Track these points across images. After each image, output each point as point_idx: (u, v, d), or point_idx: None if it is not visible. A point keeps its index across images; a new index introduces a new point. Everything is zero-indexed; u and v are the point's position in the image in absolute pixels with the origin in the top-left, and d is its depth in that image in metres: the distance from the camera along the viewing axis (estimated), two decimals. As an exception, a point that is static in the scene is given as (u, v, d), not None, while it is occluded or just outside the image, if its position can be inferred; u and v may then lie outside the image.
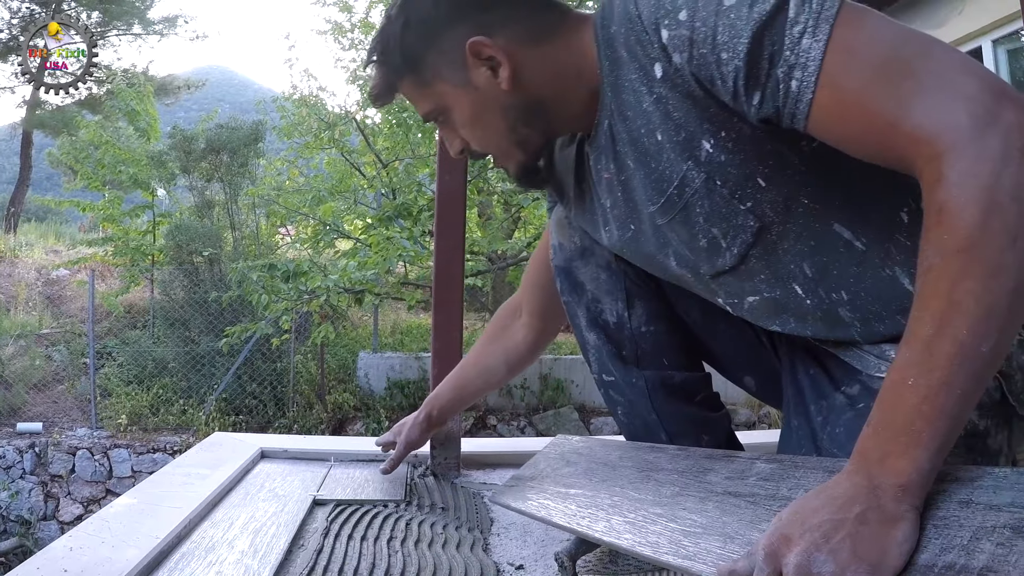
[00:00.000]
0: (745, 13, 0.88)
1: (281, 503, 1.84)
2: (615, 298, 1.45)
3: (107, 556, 1.44)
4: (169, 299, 11.64)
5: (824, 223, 1.06)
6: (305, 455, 2.28)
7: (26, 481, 9.16)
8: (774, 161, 1.02)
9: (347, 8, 12.09)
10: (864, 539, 0.77)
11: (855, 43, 0.85)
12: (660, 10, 0.96)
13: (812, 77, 0.86)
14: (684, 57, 0.95)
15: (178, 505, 1.73)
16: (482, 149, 1.23)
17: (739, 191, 1.05)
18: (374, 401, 10.28)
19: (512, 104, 1.15)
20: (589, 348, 1.52)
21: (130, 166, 12.38)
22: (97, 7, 20.23)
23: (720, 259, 1.14)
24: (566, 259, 1.50)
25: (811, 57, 0.86)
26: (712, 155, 1.02)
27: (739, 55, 0.89)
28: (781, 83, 0.88)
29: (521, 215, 11.96)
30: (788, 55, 0.87)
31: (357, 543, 1.59)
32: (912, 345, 0.80)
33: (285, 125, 12.72)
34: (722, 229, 1.09)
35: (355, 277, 7.75)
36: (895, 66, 0.84)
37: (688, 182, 1.06)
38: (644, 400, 1.47)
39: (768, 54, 0.88)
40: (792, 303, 1.15)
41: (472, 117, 1.18)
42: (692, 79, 0.96)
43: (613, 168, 1.17)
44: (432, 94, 1.19)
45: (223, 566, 1.44)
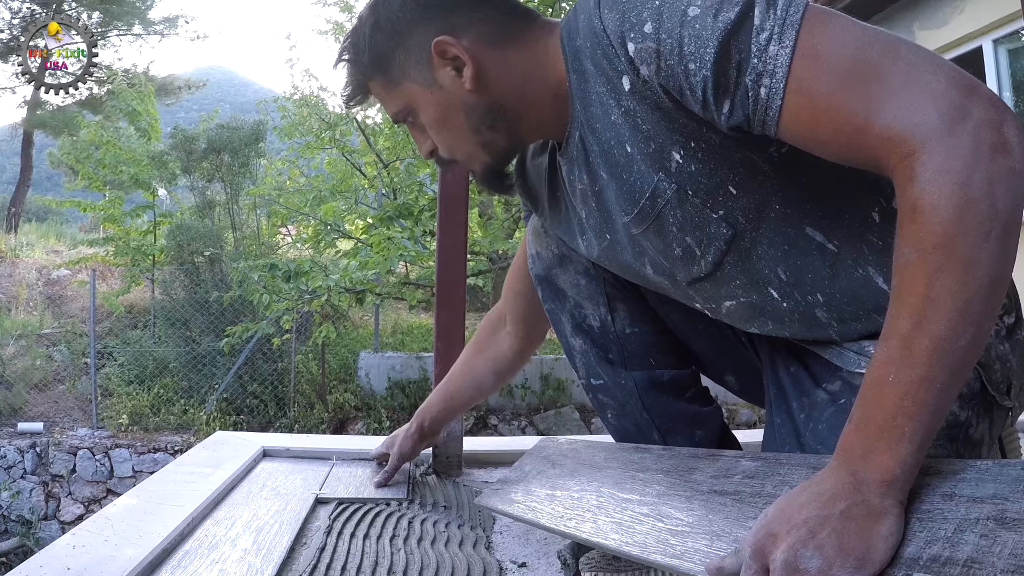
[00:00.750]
0: (710, 23, 0.88)
1: (284, 501, 1.84)
2: (597, 303, 1.47)
3: (110, 554, 1.44)
4: (170, 299, 11.64)
5: (796, 227, 1.07)
6: (307, 454, 2.28)
7: (27, 481, 9.16)
8: (744, 169, 1.02)
9: (348, 8, 12.10)
10: (850, 534, 0.77)
11: (821, 47, 0.86)
12: (625, 23, 0.96)
13: (780, 84, 0.87)
14: (652, 69, 0.95)
15: (181, 503, 1.73)
16: (448, 152, 1.24)
17: (711, 200, 1.05)
18: (375, 401, 10.27)
19: (476, 105, 1.15)
20: (576, 354, 1.53)
21: (131, 166, 12.38)
22: (98, 7, 20.24)
23: (695, 267, 1.15)
24: (545, 268, 1.51)
25: (779, 64, 0.86)
26: (682, 165, 1.03)
27: (706, 65, 0.89)
28: (750, 91, 0.89)
29: (522, 215, 11.95)
30: (756, 63, 0.87)
31: (360, 541, 1.59)
32: (891, 342, 0.81)
33: (286, 125, 12.73)
34: (696, 238, 1.10)
35: (356, 277, 7.75)
36: (862, 68, 0.84)
37: (660, 193, 1.06)
38: (635, 400, 1.48)
39: (736, 62, 0.88)
40: (769, 306, 1.16)
41: (437, 118, 1.19)
42: (660, 90, 0.96)
43: (586, 179, 1.18)
44: (400, 94, 1.20)
45: (226, 564, 1.45)
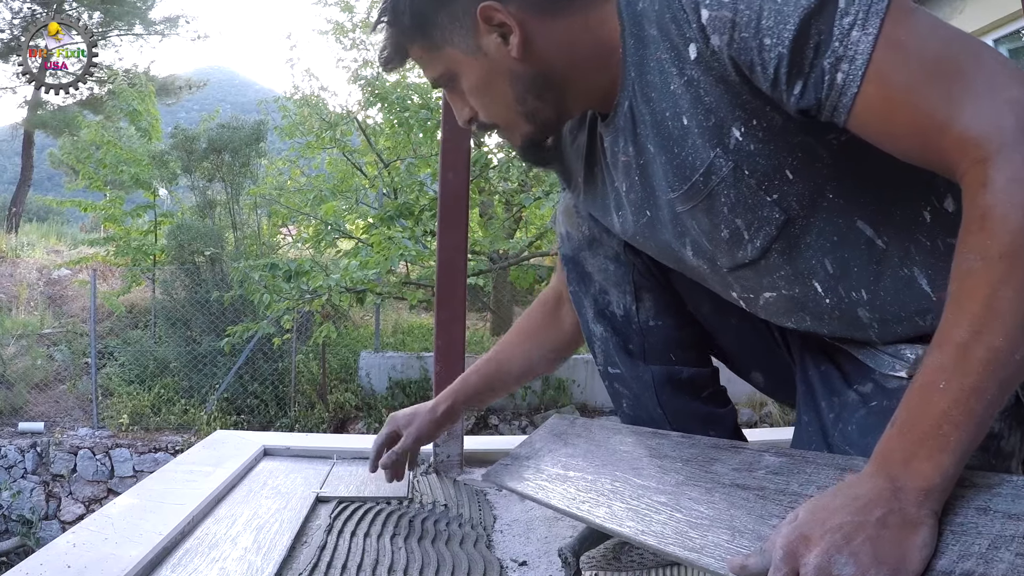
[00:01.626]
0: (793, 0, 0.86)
1: (284, 500, 1.84)
2: (623, 290, 1.44)
3: (110, 552, 1.44)
4: (171, 299, 11.64)
5: (848, 219, 1.04)
6: (307, 453, 2.28)
7: (28, 481, 9.16)
8: (803, 153, 0.99)
9: (348, 8, 12.11)
10: (885, 542, 0.76)
11: (905, 39, 0.83)
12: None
13: (860, 70, 0.84)
14: (724, 39, 0.91)
15: (181, 502, 1.73)
16: (489, 119, 1.19)
17: (767, 182, 1.02)
18: (376, 401, 10.27)
19: (522, 74, 1.11)
20: (595, 340, 1.51)
21: (132, 166, 12.38)
22: (98, 7, 20.23)
23: (741, 251, 1.11)
24: (574, 249, 1.48)
25: (860, 50, 0.84)
26: (741, 143, 0.99)
27: (784, 42, 0.86)
28: (827, 74, 0.86)
29: (523, 215, 11.96)
30: (836, 45, 0.85)
31: (360, 540, 1.59)
32: (945, 348, 0.79)
33: (287, 125, 12.73)
34: (746, 220, 1.06)
35: (357, 277, 7.75)
36: (945, 65, 0.82)
37: (715, 170, 1.02)
38: (650, 395, 1.46)
39: (814, 43, 0.86)
40: (811, 301, 1.13)
41: (480, 85, 1.15)
42: (729, 63, 0.93)
43: (632, 151, 1.13)
44: (441, 59, 1.15)
45: (227, 562, 1.45)
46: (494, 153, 9.82)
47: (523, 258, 10.91)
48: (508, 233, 11.76)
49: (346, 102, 20.29)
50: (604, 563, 1.46)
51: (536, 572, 1.48)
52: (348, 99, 18.12)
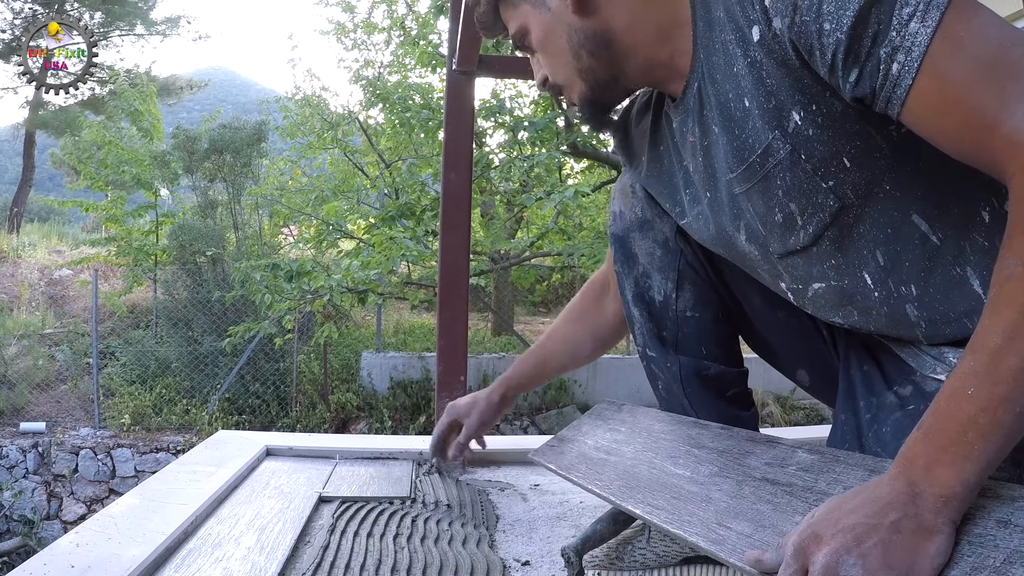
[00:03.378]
0: None
1: (287, 500, 1.84)
2: (666, 277, 1.44)
3: (114, 552, 1.44)
4: (172, 299, 11.65)
5: (903, 212, 1.03)
6: (310, 453, 2.28)
7: (29, 481, 9.17)
8: (861, 142, 0.99)
9: (349, 8, 12.11)
10: (896, 547, 0.76)
11: (964, 35, 0.82)
12: None
13: (915, 63, 0.84)
14: (785, 22, 0.91)
15: (184, 502, 1.73)
16: (552, 76, 1.24)
17: (823, 168, 1.02)
18: (377, 401, 10.27)
19: (580, 29, 1.14)
20: (635, 322, 1.52)
21: (133, 166, 12.39)
22: (100, 7, 20.24)
23: (793, 237, 1.11)
24: (624, 228, 1.49)
25: (917, 42, 0.83)
26: (800, 127, 0.99)
27: (843, 28, 0.86)
28: (882, 64, 0.86)
29: (524, 215, 11.97)
30: (894, 36, 0.84)
31: (363, 539, 1.59)
32: (977, 354, 0.78)
33: (288, 125, 12.74)
34: (800, 205, 1.06)
35: (358, 277, 7.75)
36: (1003, 65, 0.81)
37: (772, 152, 1.03)
38: (677, 385, 1.48)
39: (872, 32, 0.85)
40: (859, 294, 1.12)
41: (543, 38, 1.20)
42: (790, 46, 0.93)
43: (698, 132, 1.15)
44: (517, 15, 1.21)
45: (230, 562, 1.45)
46: (495, 153, 9.82)
47: (524, 258, 10.91)
48: (509, 233, 11.76)
49: (347, 102, 20.32)
50: (607, 562, 1.46)
51: (539, 572, 1.48)
52: (350, 99, 18.14)
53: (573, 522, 1.78)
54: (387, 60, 12.39)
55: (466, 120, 2.14)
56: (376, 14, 12.17)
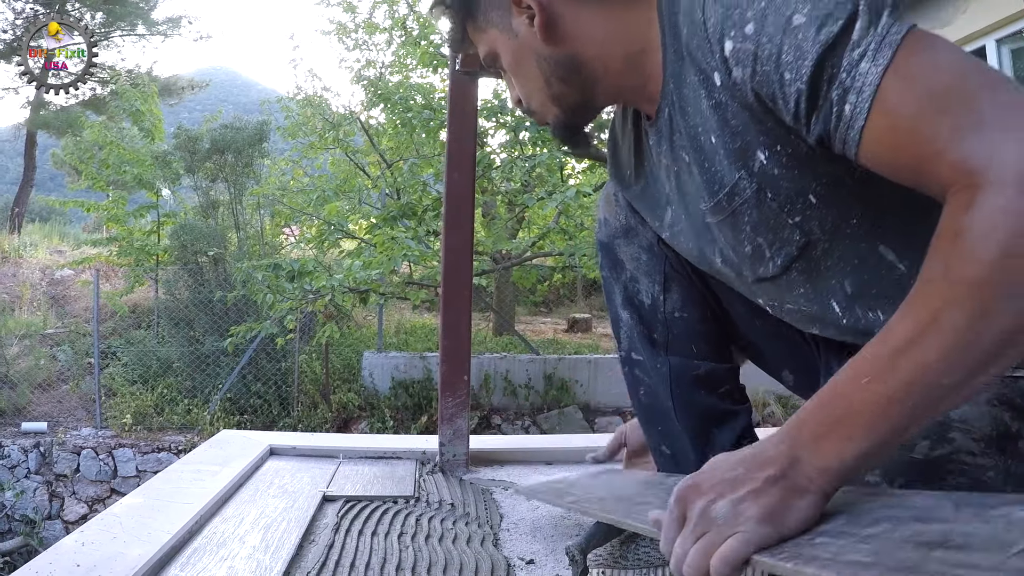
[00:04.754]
0: (812, 35, 0.84)
1: (291, 499, 1.85)
2: (653, 280, 1.47)
3: (119, 551, 1.45)
4: (174, 299, 11.64)
5: (871, 243, 1.03)
6: (314, 452, 2.29)
7: (31, 480, 9.16)
8: (828, 180, 0.99)
9: (351, 8, 12.10)
10: (768, 497, 0.81)
11: (918, 69, 0.81)
12: (727, 20, 0.92)
13: (866, 103, 0.83)
14: (747, 72, 0.91)
15: (188, 501, 1.74)
16: (525, 100, 1.25)
17: (789, 205, 1.02)
18: (379, 401, 10.26)
19: (548, 56, 1.15)
20: (621, 325, 1.54)
21: (134, 166, 12.38)
22: (101, 7, 20.24)
23: (763, 267, 1.13)
24: (609, 235, 1.52)
25: (867, 82, 0.82)
26: (766, 167, 1.00)
27: (802, 77, 0.85)
28: (835, 106, 0.85)
29: (525, 215, 11.96)
30: (844, 77, 0.83)
31: (368, 538, 1.60)
32: (881, 346, 0.80)
33: (290, 125, 12.73)
34: (767, 239, 1.08)
35: (360, 277, 7.74)
36: (956, 95, 0.79)
37: (739, 191, 1.04)
38: (664, 385, 1.48)
39: (827, 77, 0.85)
40: (829, 318, 1.13)
41: (513, 65, 1.21)
42: (751, 94, 0.93)
43: (671, 157, 1.16)
44: (486, 39, 1.22)
45: (235, 561, 1.45)
46: (497, 154, 9.82)
47: (526, 258, 10.91)
48: (511, 233, 11.76)
49: (349, 102, 20.33)
50: (611, 560, 1.47)
51: (543, 570, 1.49)
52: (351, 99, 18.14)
53: (576, 521, 1.79)
54: (388, 60, 12.39)
55: (469, 120, 2.14)
56: (377, 14, 12.17)
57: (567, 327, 14.60)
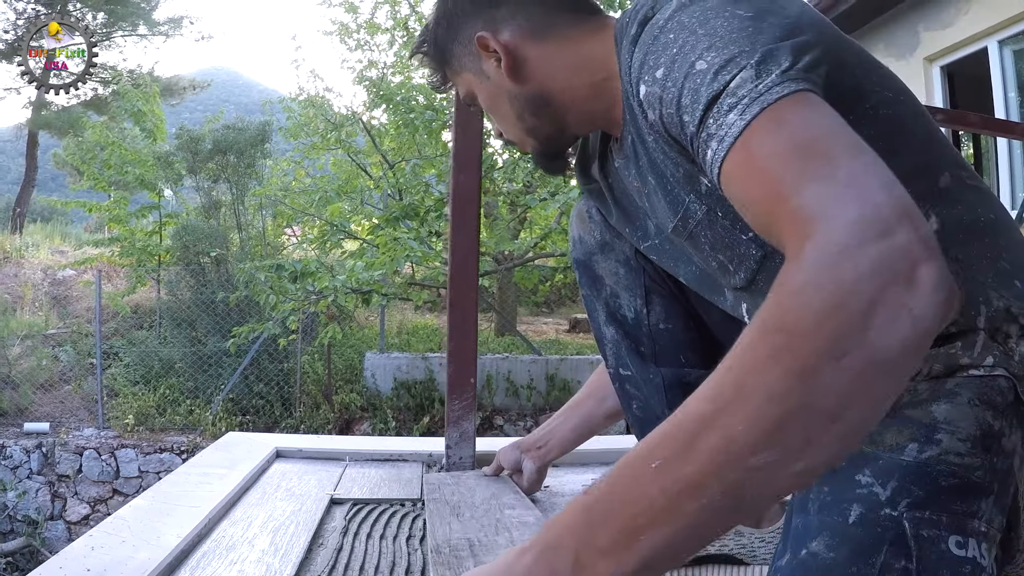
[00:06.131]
0: (708, 80, 0.85)
1: (299, 502, 1.85)
2: (634, 294, 1.49)
3: (128, 555, 1.45)
4: (176, 299, 11.66)
5: None
6: (320, 455, 2.29)
7: (33, 481, 9.18)
8: None
9: (352, 9, 12.12)
10: None
11: (788, 119, 0.79)
12: (644, 66, 0.95)
13: (724, 151, 0.81)
14: (656, 114, 0.94)
15: (196, 504, 1.74)
16: (505, 135, 1.32)
17: (739, 222, 1.04)
18: (381, 401, 10.28)
19: (517, 94, 1.22)
20: (606, 342, 1.55)
21: (136, 167, 12.40)
22: (102, 8, 20.27)
23: (732, 279, 1.16)
24: (586, 253, 1.53)
25: (730, 132, 0.81)
26: (712, 189, 1.03)
27: (695, 120, 0.86)
28: (701, 148, 0.86)
29: (527, 216, 11.97)
30: (710, 123, 0.84)
31: (376, 541, 1.60)
32: (681, 421, 0.68)
33: (292, 126, 12.75)
34: (727, 256, 1.11)
35: (363, 277, 7.75)
36: (818, 148, 0.75)
37: (691, 213, 1.08)
38: (659, 396, 1.49)
39: (708, 121, 0.85)
40: None
41: (488, 104, 1.28)
42: (666, 133, 0.96)
43: (639, 180, 1.20)
44: (462, 81, 1.29)
45: (245, 564, 1.45)
46: (499, 154, 9.83)
47: (528, 259, 10.92)
48: (513, 234, 11.77)
49: (351, 103, 20.34)
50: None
51: (552, 574, 1.49)
52: (353, 100, 18.14)
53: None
54: (390, 61, 12.42)
55: (475, 122, 2.14)
56: (379, 14, 12.19)
57: (569, 327, 14.62)
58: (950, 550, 0.87)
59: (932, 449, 0.94)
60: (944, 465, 0.93)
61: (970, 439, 0.96)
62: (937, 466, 0.93)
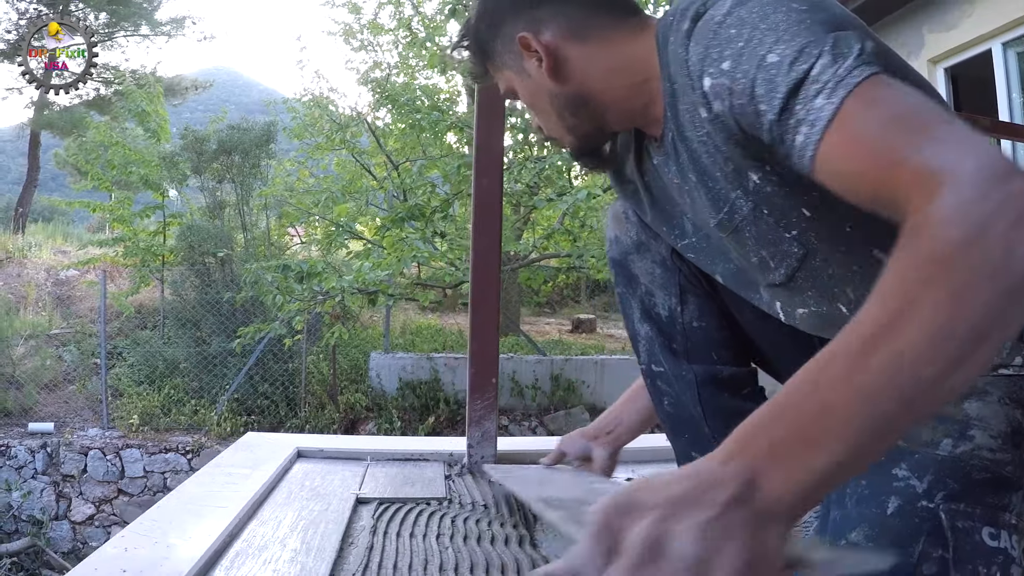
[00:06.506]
0: (785, 70, 0.89)
1: (325, 502, 1.87)
2: (668, 292, 1.51)
3: (163, 555, 1.47)
4: (180, 299, 11.66)
5: (866, 250, 1.08)
6: (341, 454, 2.31)
7: (38, 481, 9.18)
8: (819, 193, 1.00)
9: (356, 9, 12.13)
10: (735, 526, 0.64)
11: (877, 96, 0.84)
12: (706, 59, 0.99)
13: (817, 136, 0.86)
14: (725, 105, 0.97)
15: (224, 505, 1.76)
16: (545, 130, 1.34)
17: (784, 220, 1.08)
18: (386, 401, 10.28)
19: (559, 93, 1.24)
20: (640, 339, 1.57)
21: (140, 167, 12.41)
22: (105, 8, 20.28)
23: (770, 275, 1.18)
24: (622, 252, 1.56)
25: (821, 116, 0.85)
26: (759, 186, 1.06)
27: (774, 109, 0.90)
28: (788, 135, 0.90)
29: (531, 216, 11.99)
30: (799, 110, 0.88)
31: (406, 540, 1.61)
32: (847, 341, 0.72)
33: (296, 126, 12.76)
34: (769, 252, 1.14)
35: (369, 278, 7.77)
36: (913, 120, 0.81)
37: (737, 209, 1.10)
38: (691, 393, 1.51)
39: (792, 108, 0.89)
40: (839, 320, 1.17)
41: (529, 101, 1.31)
42: (734, 123, 0.99)
43: (679, 177, 1.22)
44: (503, 77, 1.32)
45: (279, 564, 1.47)
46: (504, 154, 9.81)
47: (533, 260, 10.93)
48: (516, 235, 11.78)
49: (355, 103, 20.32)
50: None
51: (583, 572, 1.51)
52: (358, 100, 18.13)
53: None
54: (394, 61, 12.42)
55: (497, 125, 2.16)
56: (383, 15, 12.20)
57: (571, 328, 14.63)
58: (984, 541, 0.90)
59: (966, 444, 0.97)
60: (977, 460, 0.96)
61: (1001, 435, 1.00)
62: (971, 460, 0.96)
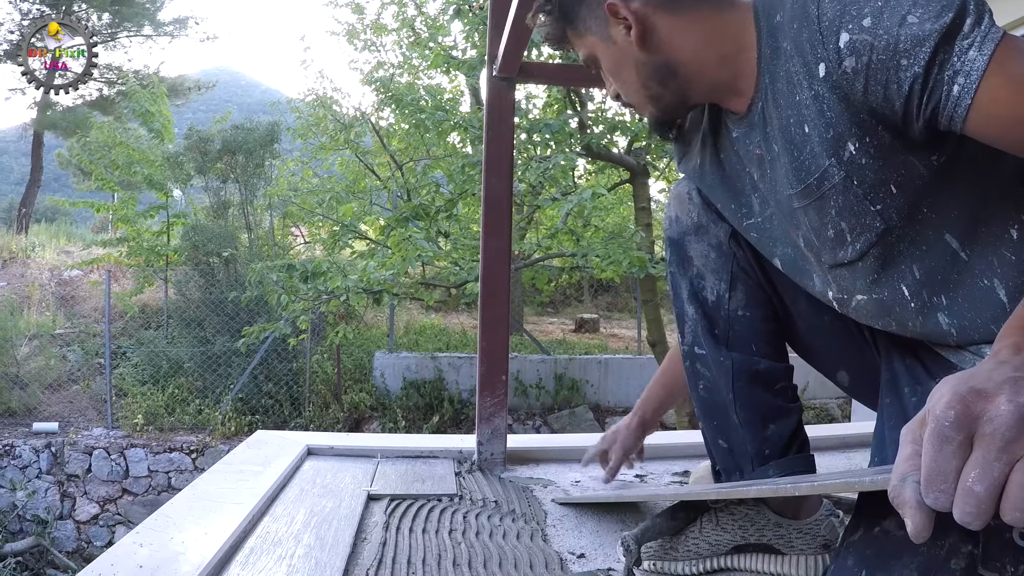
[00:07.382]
0: (928, 27, 0.94)
1: (337, 498, 1.88)
2: (719, 278, 1.52)
3: (178, 552, 1.48)
4: (184, 299, 11.68)
5: (938, 232, 1.12)
6: (351, 452, 2.32)
7: (42, 480, 9.20)
8: (906, 171, 1.08)
9: (359, 9, 12.12)
10: None
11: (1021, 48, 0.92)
12: (845, 15, 1.01)
13: (973, 85, 0.92)
14: (862, 61, 1.00)
15: (238, 501, 1.77)
16: (624, 97, 1.34)
17: (872, 193, 1.10)
18: (390, 401, 10.30)
19: (646, 62, 1.24)
20: (687, 320, 1.58)
21: (144, 167, 12.43)
22: (107, 8, 20.30)
23: (842, 251, 1.19)
24: (680, 232, 1.56)
25: (975, 67, 0.92)
26: (855, 156, 1.08)
27: (920, 62, 0.95)
28: (944, 86, 0.95)
29: (535, 216, 11.99)
30: (955, 61, 0.93)
31: (419, 535, 1.63)
32: None
33: (300, 126, 12.76)
34: (850, 224, 1.15)
35: (375, 277, 7.77)
36: None
37: (828, 177, 1.12)
38: (726, 379, 1.53)
39: (939, 61, 0.94)
40: (897, 304, 1.20)
41: (612, 69, 1.30)
42: (861, 83, 1.02)
43: (764, 147, 1.23)
44: (585, 44, 1.32)
45: (294, 559, 1.49)
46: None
47: (538, 259, 10.92)
48: (520, 234, 11.78)
49: (359, 103, 20.32)
50: (661, 553, 1.50)
51: (595, 563, 1.52)
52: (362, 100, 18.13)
53: (618, 516, 1.82)
54: (398, 61, 12.43)
55: (507, 126, 2.17)
56: (386, 15, 12.20)
57: (574, 327, 14.64)
58: (1013, 540, 0.91)
59: None
60: None
61: None
62: None
